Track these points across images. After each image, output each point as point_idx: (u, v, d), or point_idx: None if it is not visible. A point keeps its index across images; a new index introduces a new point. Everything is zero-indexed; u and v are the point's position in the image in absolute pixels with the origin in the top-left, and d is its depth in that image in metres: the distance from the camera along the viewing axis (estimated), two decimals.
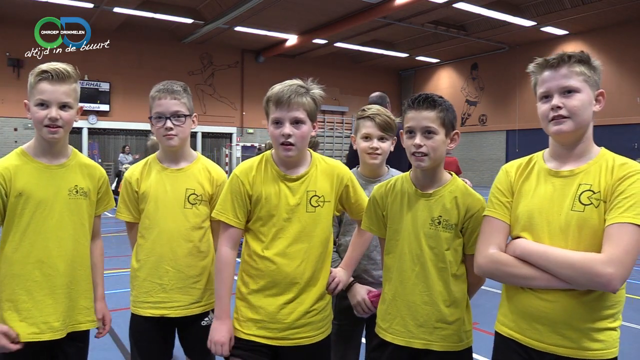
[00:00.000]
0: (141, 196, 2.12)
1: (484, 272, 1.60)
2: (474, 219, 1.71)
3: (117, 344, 3.77)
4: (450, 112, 1.73)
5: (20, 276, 1.81)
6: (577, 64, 1.51)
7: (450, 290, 1.72)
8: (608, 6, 15.94)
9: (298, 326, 1.82)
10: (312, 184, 1.87)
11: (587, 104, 1.50)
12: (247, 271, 1.87)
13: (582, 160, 1.53)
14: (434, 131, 1.69)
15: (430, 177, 1.78)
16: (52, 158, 1.89)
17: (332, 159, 2.02)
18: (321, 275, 1.88)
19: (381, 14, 16.25)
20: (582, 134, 1.53)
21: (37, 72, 1.81)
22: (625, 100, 17.74)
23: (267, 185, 1.85)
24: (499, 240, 1.58)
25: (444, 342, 1.72)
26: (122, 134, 19.52)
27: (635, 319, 4.39)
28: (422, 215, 1.75)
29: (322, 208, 1.87)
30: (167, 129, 2.05)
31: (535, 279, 1.46)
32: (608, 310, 1.47)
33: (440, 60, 24.05)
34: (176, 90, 2.09)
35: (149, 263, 2.08)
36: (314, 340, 1.86)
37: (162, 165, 2.15)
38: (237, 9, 15.55)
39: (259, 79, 21.05)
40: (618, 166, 1.47)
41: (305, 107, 1.80)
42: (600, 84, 1.55)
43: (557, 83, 1.51)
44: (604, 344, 1.46)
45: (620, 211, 1.39)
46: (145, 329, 2.11)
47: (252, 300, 1.84)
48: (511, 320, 1.57)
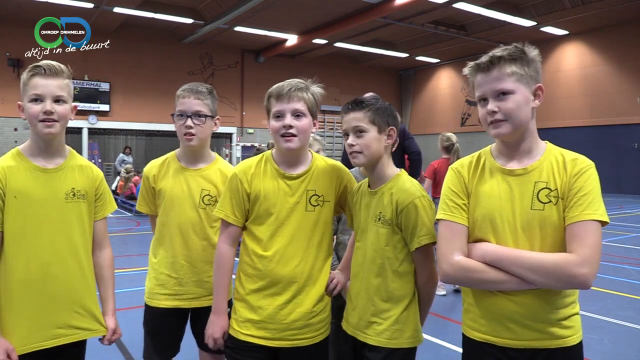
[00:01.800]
0: (158, 193, 2.22)
1: (451, 279, 1.58)
2: (404, 213, 1.71)
3: (117, 343, 3.76)
4: (382, 111, 1.78)
5: (17, 282, 1.76)
6: (508, 63, 1.50)
7: (387, 286, 1.74)
8: (608, 6, 15.94)
9: (297, 327, 1.83)
10: (312, 183, 1.88)
11: (522, 103, 1.50)
12: (245, 271, 1.88)
13: (532, 157, 1.54)
14: (363, 129, 1.75)
15: (372, 174, 1.83)
16: (49, 159, 1.85)
17: (332, 159, 2.03)
18: (321, 276, 1.88)
19: (381, 14, 16.25)
20: (523, 132, 1.53)
21: (29, 69, 1.80)
22: (625, 100, 17.75)
23: (265, 183, 1.86)
24: (461, 245, 1.55)
25: (377, 337, 1.74)
26: (122, 134, 19.52)
27: (635, 319, 4.40)
28: (370, 212, 1.81)
29: (322, 208, 1.88)
30: (187, 127, 2.11)
31: (505, 282, 1.47)
32: (569, 298, 1.52)
33: (440, 60, 24.05)
34: (200, 91, 2.16)
35: (166, 258, 2.18)
36: (313, 342, 1.86)
37: (181, 165, 2.22)
38: (237, 9, 15.55)
39: (259, 79, 21.07)
40: (570, 162, 1.49)
41: (305, 101, 1.83)
42: (539, 77, 1.53)
43: (490, 87, 1.51)
44: (573, 329, 1.52)
45: (581, 209, 1.42)
46: (159, 319, 2.21)
47: (250, 300, 1.84)
48: (482, 324, 1.56)
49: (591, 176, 1.46)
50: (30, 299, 1.77)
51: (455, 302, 4.93)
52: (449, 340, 3.94)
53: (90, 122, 18.44)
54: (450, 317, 4.50)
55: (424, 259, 1.75)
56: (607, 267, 6.44)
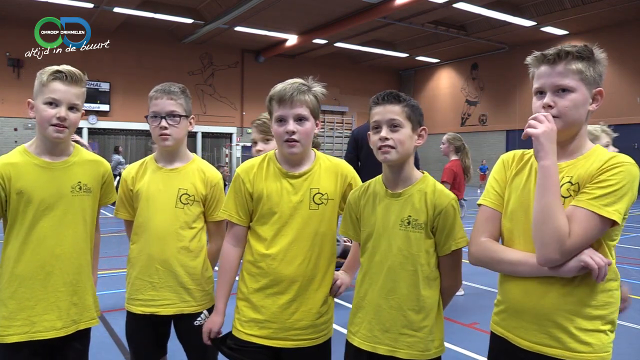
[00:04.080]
0: (135, 195, 2.16)
1: (475, 259, 1.58)
2: (442, 215, 1.65)
3: (117, 344, 3.77)
4: (417, 109, 1.72)
5: (23, 275, 1.82)
6: (575, 60, 1.45)
7: (419, 295, 1.65)
8: (608, 6, 15.95)
9: (301, 327, 1.81)
10: (316, 181, 1.87)
11: (580, 104, 1.45)
12: (248, 270, 1.87)
13: (573, 156, 1.50)
14: (399, 124, 1.67)
15: (398, 175, 1.72)
16: (55, 156, 1.90)
17: (336, 158, 2.02)
18: (325, 277, 1.87)
19: (381, 14, 16.27)
20: (573, 133, 1.48)
21: (50, 72, 1.82)
22: (625, 100, 17.76)
23: (268, 182, 1.86)
24: (491, 229, 1.56)
25: (409, 350, 1.65)
26: (122, 134, 19.54)
27: (635, 319, 4.40)
28: (392, 216, 1.70)
29: (326, 206, 1.86)
30: (162, 128, 2.08)
31: (521, 264, 1.45)
32: (597, 311, 1.41)
33: (440, 60, 24.06)
34: (173, 91, 2.12)
35: (140, 261, 2.11)
36: (316, 343, 1.85)
37: (157, 165, 2.18)
38: (237, 9, 15.57)
39: (259, 79, 21.07)
40: (606, 159, 1.41)
41: (307, 104, 1.81)
42: (601, 81, 1.49)
43: (551, 80, 1.46)
44: (592, 347, 1.39)
45: (588, 197, 1.38)
46: (137, 326, 2.14)
47: (253, 299, 1.83)
48: (502, 318, 1.56)
49: (620, 173, 1.37)
50: (33, 290, 1.82)
51: (454, 304, 4.92)
52: (452, 341, 3.93)
53: (90, 122, 18.45)
54: (449, 317, 4.51)
55: (455, 263, 1.69)
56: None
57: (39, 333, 1.82)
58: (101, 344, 3.77)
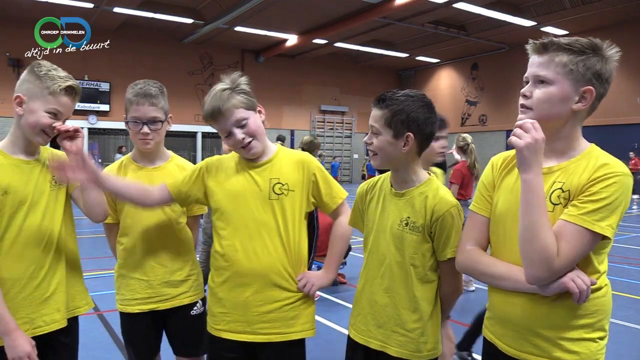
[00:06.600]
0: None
1: (461, 267, 1.56)
2: (439, 222, 1.62)
3: (117, 344, 3.77)
4: (400, 113, 1.60)
5: (13, 274, 1.79)
6: (562, 52, 1.35)
7: (413, 296, 1.65)
8: (608, 6, 15.94)
9: (268, 320, 1.80)
10: (276, 171, 1.86)
11: (556, 99, 1.35)
12: (213, 264, 1.89)
13: (565, 158, 1.41)
14: (377, 131, 1.64)
15: (397, 177, 1.72)
16: (28, 155, 1.88)
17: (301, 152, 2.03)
18: (290, 270, 1.84)
19: (381, 14, 16.26)
20: (554, 130, 1.39)
21: (64, 85, 1.80)
22: (625, 100, 17.74)
23: (228, 173, 1.89)
24: (478, 236, 1.52)
25: (400, 349, 1.66)
26: (122, 134, 19.50)
27: (636, 319, 4.39)
28: (392, 214, 1.69)
29: (287, 197, 1.84)
30: (144, 134, 2.10)
31: (503, 279, 1.42)
32: (584, 320, 1.36)
33: (440, 60, 24.06)
34: (153, 94, 2.10)
35: (134, 261, 2.12)
36: (287, 338, 1.82)
37: (138, 165, 2.20)
38: (237, 9, 15.56)
39: (259, 79, 21.04)
40: (599, 166, 1.32)
41: (240, 105, 1.83)
42: (597, 80, 1.36)
43: (532, 70, 1.41)
44: (579, 355, 1.35)
45: (578, 211, 1.30)
46: (136, 325, 2.15)
47: (219, 293, 1.85)
48: (491, 324, 1.54)
49: (614, 184, 1.28)
50: (23, 289, 1.80)
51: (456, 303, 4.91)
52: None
53: (90, 122, 18.45)
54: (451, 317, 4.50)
55: (453, 270, 1.64)
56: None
57: (40, 328, 1.82)
58: (101, 343, 3.77)
